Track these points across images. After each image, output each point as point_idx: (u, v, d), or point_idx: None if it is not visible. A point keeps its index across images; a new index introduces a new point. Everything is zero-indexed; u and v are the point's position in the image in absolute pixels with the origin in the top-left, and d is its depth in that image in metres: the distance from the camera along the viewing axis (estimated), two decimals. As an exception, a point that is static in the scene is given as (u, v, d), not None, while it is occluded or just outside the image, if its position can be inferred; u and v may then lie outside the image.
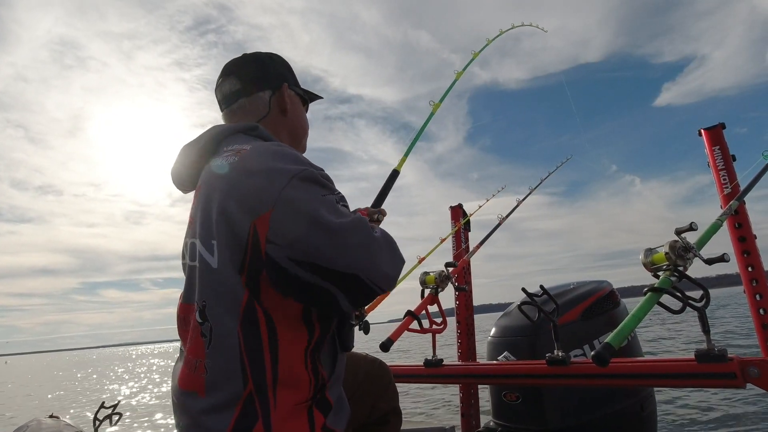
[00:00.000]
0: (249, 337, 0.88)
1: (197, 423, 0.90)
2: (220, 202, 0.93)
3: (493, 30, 2.53)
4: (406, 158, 1.76)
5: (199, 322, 0.94)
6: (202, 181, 1.03)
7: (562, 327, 1.74)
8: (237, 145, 1.02)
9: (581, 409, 1.97)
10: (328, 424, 0.93)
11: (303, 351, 0.92)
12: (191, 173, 1.09)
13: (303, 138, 1.26)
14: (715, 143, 2.28)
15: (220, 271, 0.91)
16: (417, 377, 2.02)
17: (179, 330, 1.05)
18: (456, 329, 3.14)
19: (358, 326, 2.28)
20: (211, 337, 0.91)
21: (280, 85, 1.19)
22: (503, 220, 3.00)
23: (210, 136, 1.07)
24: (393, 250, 0.96)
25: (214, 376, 0.90)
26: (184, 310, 1.02)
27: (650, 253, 1.36)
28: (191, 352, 0.96)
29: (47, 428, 1.37)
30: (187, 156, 1.09)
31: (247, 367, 0.87)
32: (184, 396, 0.95)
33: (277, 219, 0.85)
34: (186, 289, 1.03)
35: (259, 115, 1.16)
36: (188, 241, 1.04)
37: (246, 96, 1.16)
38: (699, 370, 1.28)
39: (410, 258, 2.95)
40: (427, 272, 2.13)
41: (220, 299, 0.91)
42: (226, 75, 1.18)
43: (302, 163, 0.93)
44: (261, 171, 0.91)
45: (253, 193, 0.89)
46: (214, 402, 0.88)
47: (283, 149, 0.98)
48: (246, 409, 0.86)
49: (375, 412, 1.30)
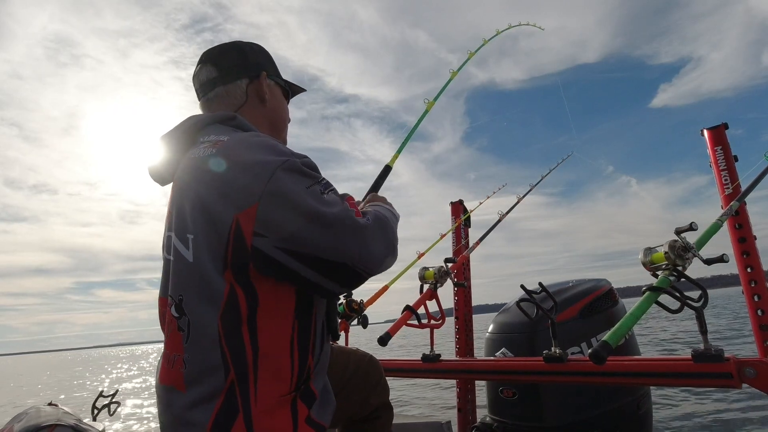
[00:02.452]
0: (229, 329, 0.87)
1: (178, 418, 0.89)
2: (197, 195, 0.91)
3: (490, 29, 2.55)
4: (398, 154, 1.76)
5: (175, 316, 0.93)
6: (179, 173, 1.01)
7: (560, 324, 1.74)
8: (214, 136, 0.99)
9: (578, 406, 1.98)
10: (312, 416, 0.92)
11: (288, 340, 0.91)
12: (168, 165, 1.06)
13: (283, 129, 1.22)
14: (718, 143, 2.27)
15: (196, 265, 0.90)
16: (414, 372, 2.02)
17: (161, 325, 1.03)
18: (454, 325, 3.15)
19: (357, 320, 2.29)
20: (189, 331, 0.90)
21: (258, 74, 1.15)
22: (503, 216, 3.00)
23: (187, 126, 1.05)
24: (385, 233, 0.94)
25: (192, 370, 0.89)
26: (162, 303, 1.01)
27: (649, 253, 1.36)
28: (169, 346, 0.95)
29: (46, 415, 1.38)
30: (164, 148, 1.06)
31: (228, 359, 0.86)
32: (165, 391, 0.94)
33: (263, 212, 0.84)
34: (162, 283, 1.02)
35: (236, 104, 1.12)
36: (166, 234, 1.02)
37: (223, 84, 1.12)
38: (695, 369, 1.29)
39: (409, 255, 2.95)
40: (426, 267, 2.14)
41: (197, 293, 0.90)
42: (203, 62, 1.15)
43: (283, 153, 0.91)
44: (242, 164, 0.89)
45: (236, 187, 0.87)
46: (194, 397, 0.87)
47: (263, 139, 0.96)
48: (227, 403, 0.85)
49: (366, 407, 1.30)
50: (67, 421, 1.38)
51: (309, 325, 0.95)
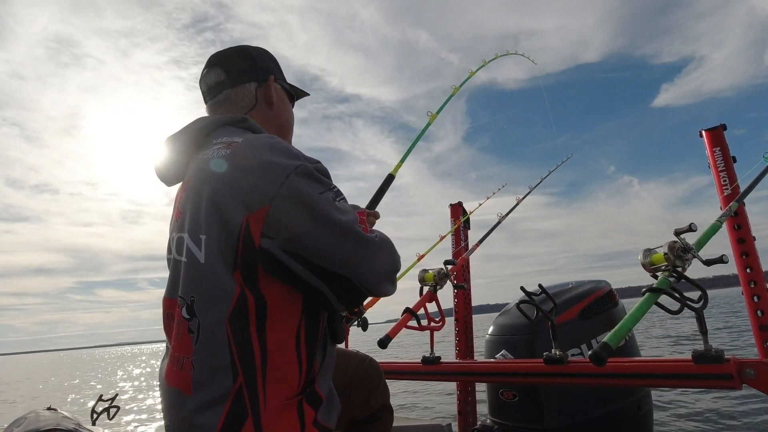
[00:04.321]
0: (238, 331, 0.86)
1: (186, 421, 0.88)
2: (212, 196, 0.90)
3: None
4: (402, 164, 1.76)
5: (186, 317, 0.92)
6: (192, 174, 1.00)
7: (560, 326, 1.74)
8: (227, 137, 0.98)
9: (578, 408, 1.97)
10: (319, 419, 0.92)
11: (294, 343, 0.90)
12: (178, 166, 1.06)
13: (289, 132, 1.23)
14: (716, 144, 2.27)
15: (207, 266, 0.89)
16: (414, 374, 2.02)
17: (165, 327, 1.02)
18: (454, 327, 3.14)
19: (357, 323, 2.29)
20: (199, 333, 0.89)
21: (266, 78, 1.15)
22: (503, 218, 3.00)
23: (198, 127, 1.04)
24: (391, 253, 0.95)
25: (201, 373, 0.88)
26: (170, 305, 0.99)
27: (649, 254, 1.36)
28: (177, 348, 0.93)
29: (45, 420, 1.38)
30: (173, 148, 1.05)
31: (237, 362, 0.85)
32: (172, 394, 0.92)
33: (274, 215, 0.84)
34: (171, 284, 1.00)
35: (245, 107, 1.12)
36: (175, 235, 1.00)
37: (231, 87, 1.12)
38: (696, 370, 1.28)
39: (409, 256, 2.96)
40: (426, 270, 2.13)
41: (208, 294, 0.89)
42: (211, 66, 1.14)
43: (297, 157, 0.91)
44: (256, 166, 0.89)
45: (249, 188, 0.87)
46: (202, 400, 0.86)
47: (276, 142, 0.95)
48: (235, 406, 0.84)
49: (366, 409, 1.30)
50: (66, 425, 1.38)
51: (316, 329, 0.95)
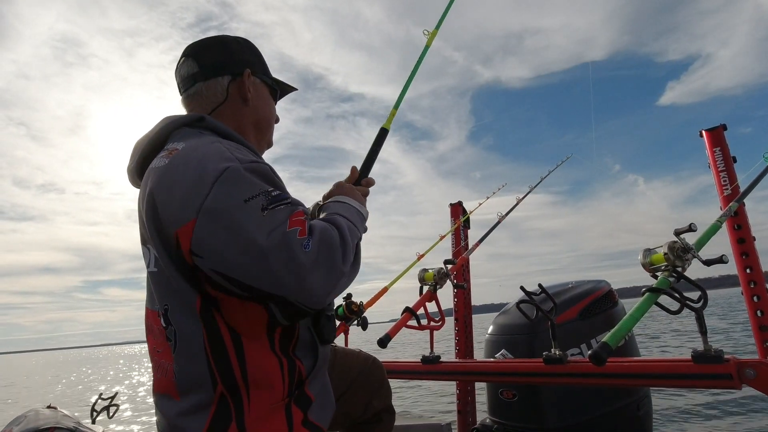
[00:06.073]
0: (213, 339, 0.87)
1: (173, 425, 0.90)
2: (151, 208, 0.89)
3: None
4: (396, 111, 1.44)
5: (163, 326, 0.92)
6: (143, 182, 0.98)
7: (560, 326, 1.74)
8: (175, 143, 0.95)
9: (578, 408, 1.97)
10: (309, 418, 0.93)
11: (272, 349, 0.90)
12: (139, 171, 1.03)
13: (267, 131, 1.16)
14: (716, 144, 2.28)
15: (168, 276, 0.89)
16: (414, 374, 2.02)
17: (147, 336, 1.02)
18: (454, 326, 3.14)
19: (357, 322, 2.29)
20: (176, 341, 0.89)
21: (241, 71, 1.08)
22: (502, 218, 3.00)
23: (158, 131, 1.01)
24: (330, 261, 0.81)
25: (183, 379, 0.89)
26: (150, 314, 1.00)
27: (649, 254, 1.36)
28: (161, 356, 0.95)
29: (44, 418, 1.38)
30: (135, 152, 1.03)
31: (214, 369, 0.86)
32: (160, 398, 0.95)
33: (198, 232, 0.80)
34: (148, 293, 1.00)
35: (214, 103, 1.07)
36: (142, 246, 1.00)
37: (203, 80, 1.06)
38: (695, 370, 1.28)
39: (409, 256, 2.96)
40: (426, 269, 2.13)
41: (177, 303, 0.89)
42: (185, 56, 1.09)
43: (228, 160, 0.84)
44: (184, 178, 0.85)
45: (177, 201, 0.84)
46: (188, 404, 0.88)
47: (212, 148, 0.88)
48: (220, 411, 0.86)
49: (368, 410, 1.29)
50: (66, 423, 1.38)
51: (292, 335, 0.94)
